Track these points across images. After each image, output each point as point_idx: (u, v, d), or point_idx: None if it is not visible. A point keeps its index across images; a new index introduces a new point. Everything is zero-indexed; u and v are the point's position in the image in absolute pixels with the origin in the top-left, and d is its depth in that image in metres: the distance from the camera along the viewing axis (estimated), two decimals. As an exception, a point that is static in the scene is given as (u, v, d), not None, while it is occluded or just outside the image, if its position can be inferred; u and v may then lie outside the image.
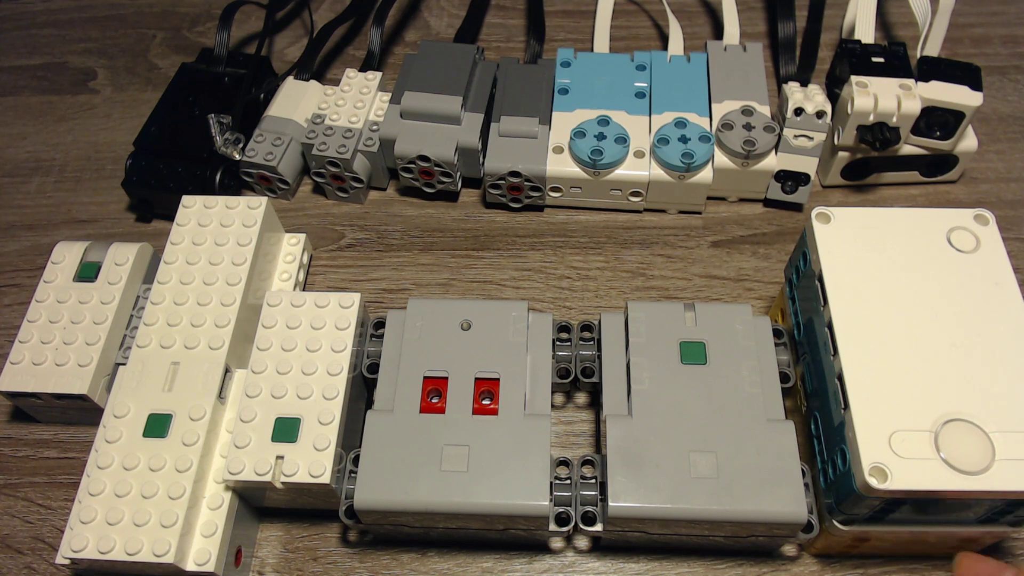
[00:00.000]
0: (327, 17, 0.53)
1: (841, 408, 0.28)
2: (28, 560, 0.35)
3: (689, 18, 0.55)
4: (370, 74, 0.47)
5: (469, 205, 0.46)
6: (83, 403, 0.35)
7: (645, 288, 0.42)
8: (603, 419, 0.32)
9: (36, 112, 0.52)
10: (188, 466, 0.31)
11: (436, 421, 0.32)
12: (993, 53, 0.52)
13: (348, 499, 0.31)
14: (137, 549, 0.29)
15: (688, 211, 0.45)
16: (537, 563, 0.34)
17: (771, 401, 0.32)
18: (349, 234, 0.45)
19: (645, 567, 0.34)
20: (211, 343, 0.34)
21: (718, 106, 0.44)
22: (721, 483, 0.29)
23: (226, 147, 0.44)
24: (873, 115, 0.40)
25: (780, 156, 0.42)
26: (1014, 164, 0.47)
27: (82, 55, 0.55)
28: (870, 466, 0.26)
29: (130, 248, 0.38)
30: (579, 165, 0.42)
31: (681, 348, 0.33)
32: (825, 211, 0.32)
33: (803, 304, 0.33)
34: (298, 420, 0.32)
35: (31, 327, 0.36)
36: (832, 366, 0.29)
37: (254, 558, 0.34)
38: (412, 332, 0.34)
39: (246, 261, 0.37)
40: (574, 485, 0.32)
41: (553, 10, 0.56)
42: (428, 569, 0.34)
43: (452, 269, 0.43)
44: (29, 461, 0.38)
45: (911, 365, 0.28)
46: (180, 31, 0.56)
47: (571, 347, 0.35)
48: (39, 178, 0.49)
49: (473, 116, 0.44)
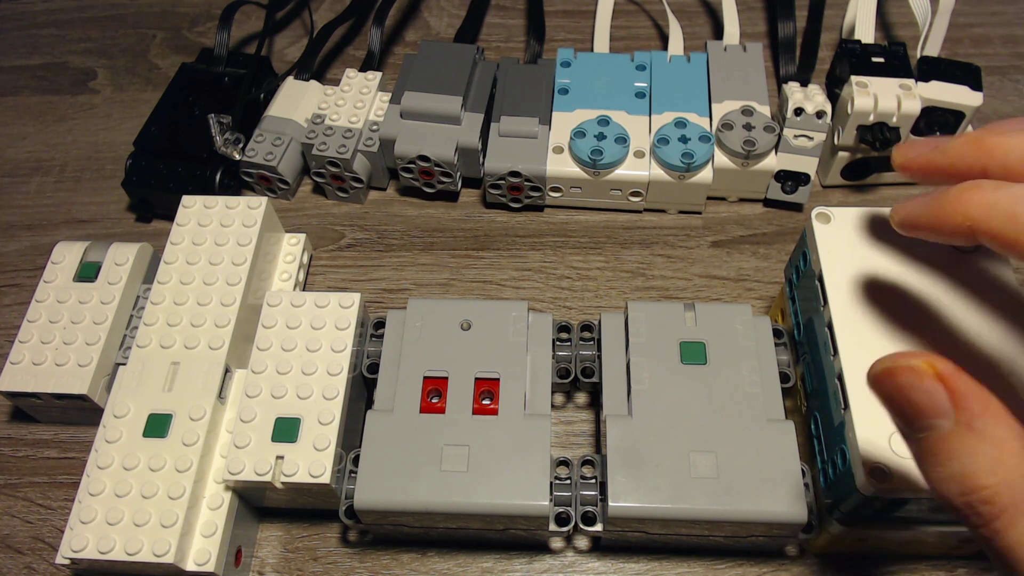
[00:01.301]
0: (327, 17, 0.53)
1: (841, 408, 0.28)
2: (28, 560, 0.35)
3: (689, 18, 0.55)
4: (370, 74, 0.47)
5: (469, 205, 0.46)
6: (83, 403, 0.35)
7: (645, 288, 0.42)
8: (603, 419, 0.32)
9: (36, 112, 0.52)
10: (188, 466, 0.31)
11: (436, 421, 0.32)
12: (993, 53, 0.52)
13: (348, 499, 0.31)
14: (137, 549, 0.30)
15: (688, 211, 0.45)
16: (537, 563, 0.34)
17: (771, 401, 0.32)
18: (349, 234, 0.45)
19: (645, 567, 0.34)
20: (211, 343, 0.34)
21: (718, 106, 0.44)
22: (721, 483, 0.29)
23: (226, 147, 0.44)
24: (873, 115, 0.40)
25: (780, 156, 0.42)
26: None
27: (82, 55, 0.55)
28: (870, 466, 0.26)
29: (130, 248, 0.38)
30: (579, 165, 0.42)
31: (681, 348, 0.33)
32: (825, 211, 0.32)
33: (803, 304, 0.33)
34: (298, 420, 0.32)
35: (31, 327, 0.36)
36: (832, 366, 0.29)
37: (254, 558, 0.34)
38: (412, 332, 0.34)
39: (246, 261, 0.37)
40: (574, 485, 0.32)
41: (553, 10, 0.56)
42: (428, 569, 0.34)
43: (452, 269, 0.43)
44: (29, 461, 0.38)
45: None
46: (180, 31, 0.57)
47: (571, 347, 0.35)
48: (39, 178, 0.49)
49: (473, 116, 0.44)
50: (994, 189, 0.23)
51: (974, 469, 0.19)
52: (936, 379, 0.20)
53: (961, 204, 0.23)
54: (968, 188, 0.23)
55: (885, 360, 0.21)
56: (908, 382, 0.20)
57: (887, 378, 0.21)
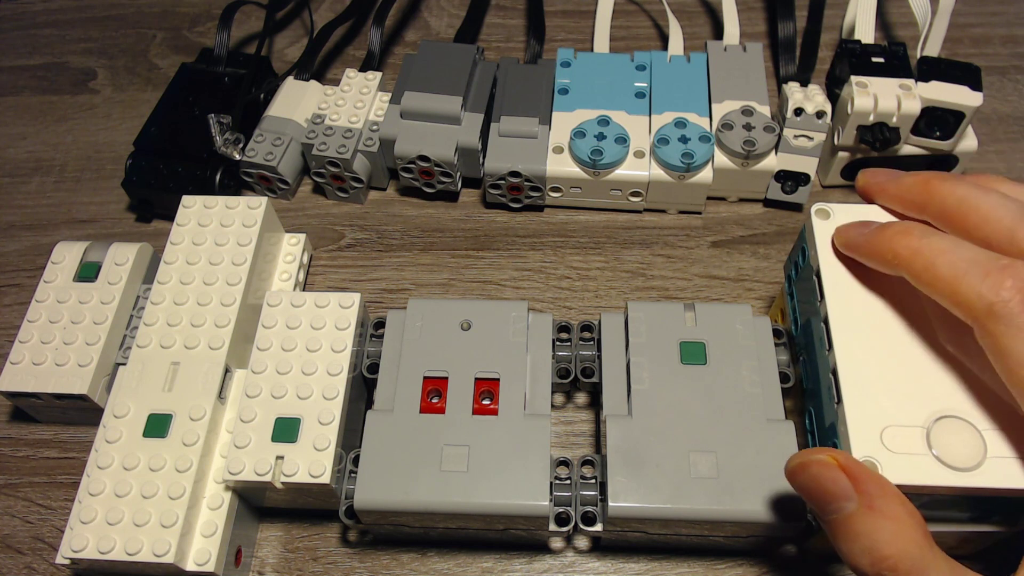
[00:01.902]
0: (327, 17, 0.53)
1: (834, 403, 0.29)
2: (28, 560, 0.35)
3: (689, 18, 0.55)
4: (370, 74, 0.47)
5: (469, 205, 0.46)
6: (83, 403, 0.35)
7: (645, 288, 0.42)
8: (603, 419, 0.32)
9: (36, 112, 0.52)
10: (188, 466, 0.31)
11: (436, 421, 0.32)
12: (993, 53, 0.52)
13: (348, 499, 0.31)
14: (137, 549, 0.30)
15: (688, 211, 0.45)
16: (537, 563, 0.34)
17: (771, 401, 0.32)
18: (349, 234, 0.45)
19: (645, 567, 0.34)
20: (211, 343, 0.34)
21: (718, 106, 0.44)
22: (721, 483, 0.29)
23: (226, 147, 0.44)
24: (873, 115, 0.40)
25: (780, 156, 0.42)
26: (1014, 164, 0.47)
27: (82, 55, 0.55)
28: (861, 460, 0.26)
29: (130, 248, 0.38)
30: (579, 165, 0.42)
31: (681, 348, 0.33)
32: (825, 207, 0.32)
33: (801, 299, 0.33)
34: (298, 420, 0.32)
35: (31, 327, 0.36)
36: (827, 361, 0.30)
37: (254, 558, 0.34)
38: (412, 332, 0.34)
39: (246, 261, 0.37)
40: (574, 485, 0.32)
41: (553, 10, 0.56)
42: (428, 569, 0.34)
43: (452, 269, 0.43)
44: (29, 461, 0.38)
45: (906, 361, 0.28)
46: (180, 31, 0.57)
47: (571, 347, 0.35)
48: (39, 178, 0.49)
49: (473, 116, 0.44)
50: (920, 237, 0.26)
51: (878, 542, 0.23)
52: (839, 469, 0.24)
53: (892, 243, 0.27)
54: (901, 231, 0.27)
55: (797, 456, 0.25)
56: (818, 472, 0.24)
57: (801, 471, 0.25)
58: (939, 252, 0.25)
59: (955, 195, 0.27)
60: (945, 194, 0.27)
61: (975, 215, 0.26)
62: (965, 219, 0.26)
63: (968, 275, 0.24)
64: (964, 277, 0.24)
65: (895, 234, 0.27)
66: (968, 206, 0.26)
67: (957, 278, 0.24)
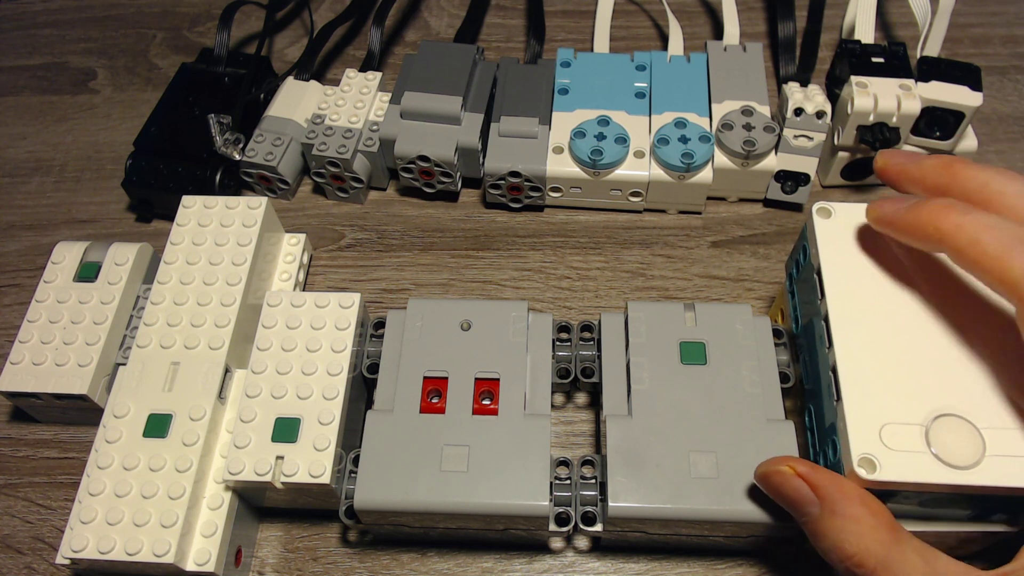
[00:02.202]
0: (327, 17, 0.53)
1: (834, 400, 0.29)
2: (28, 560, 0.35)
3: (689, 18, 0.55)
4: (370, 74, 0.47)
5: (469, 205, 0.46)
6: (83, 403, 0.35)
7: (645, 288, 0.42)
8: (603, 419, 0.32)
9: (36, 112, 0.52)
10: (188, 466, 0.31)
11: (436, 421, 0.32)
12: (993, 53, 0.52)
13: (348, 499, 0.31)
14: (137, 549, 0.30)
15: (688, 211, 0.45)
16: (537, 563, 0.34)
17: (771, 401, 0.32)
18: (349, 234, 0.45)
19: (645, 567, 0.34)
20: (211, 343, 0.34)
21: (718, 106, 0.44)
22: (721, 483, 0.29)
23: (226, 147, 0.44)
24: (873, 115, 0.40)
25: (780, 156, 0.42)
26: (1014, 164, 0.47)
27: (82, 55, 0.55)
28: (859, 457, 0.26)
29: (130, 248, 0.38)
30: (579, 165, 0.42)
31: (681, 348, 0.33)
32: (826, 206, 0.32)
33: (801, 298, 0.33)
34: (298, 420, 0.32)
35: (31, 327, 0.36)
36: (827, 359, 0.30)
37: (254, 558, 0.34)
38: (412, 332, 0.34)
39: (246, 261, 0.37)
40: (574, 485, 0.32)
41: (553, 10, 0.56)
42: (428, 569, 0.34)
43: (452, 269, 0.43)
44: (29, 461, 0.38)
45: (905, 359, 0.28)
46: (180, 31, 0.57)
47: (571, 347, 0.35)
48: (39, 178, 0.49)
49: (473, 116, 0.44)
50: (964, 212, 0.26)
51: (842, 542, 0.25)
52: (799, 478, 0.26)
53: (935, 217, 0.26)
54: (943, 206, 0.26)
55: (762, 465, 0.28)
56: (779, 482, 0.27)
57: (765, 480, 0.28)
58: (985, 228, 0.25)
59: (978, 180, 0.27)
60: (968, 177, 0.27)
61: (999, 200, 0.26)
62: (988, 204, 0.26)
63: (1016, 251, 0.24)
64: (1012, 253, 0.24)
65: (938, 208, 0.26)
66: (992, 191, 0.26)
67: (1005, 254, 0.24)
